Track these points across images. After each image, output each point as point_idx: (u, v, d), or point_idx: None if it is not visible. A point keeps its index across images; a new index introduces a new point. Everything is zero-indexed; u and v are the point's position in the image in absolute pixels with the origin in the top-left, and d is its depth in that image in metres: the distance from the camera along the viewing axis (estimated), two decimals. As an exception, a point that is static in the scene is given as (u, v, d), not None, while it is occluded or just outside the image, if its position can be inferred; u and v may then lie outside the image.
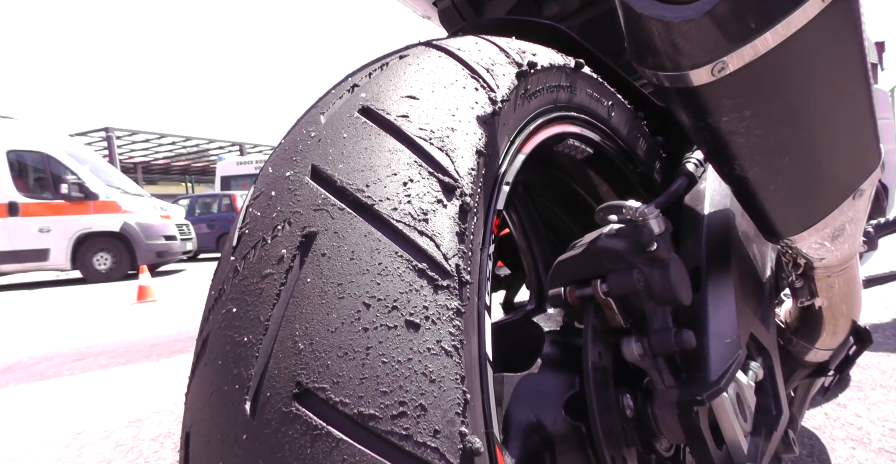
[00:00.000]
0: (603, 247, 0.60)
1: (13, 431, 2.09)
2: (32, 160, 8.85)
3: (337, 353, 0.38)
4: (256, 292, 0.41)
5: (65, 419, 2.18)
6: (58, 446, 1.89)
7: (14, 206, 8.50)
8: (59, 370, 3.04)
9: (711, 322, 0.61)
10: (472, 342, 0.42)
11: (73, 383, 2.75)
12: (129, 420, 2.12)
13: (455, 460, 0.37)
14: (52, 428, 2.08)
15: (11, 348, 3.79)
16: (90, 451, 1.83)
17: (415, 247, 0.41)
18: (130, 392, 2.52)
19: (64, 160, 8.86)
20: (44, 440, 1.95)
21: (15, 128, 9.03)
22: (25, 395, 2.60)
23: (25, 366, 3.20)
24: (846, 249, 0.68)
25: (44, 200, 8.70)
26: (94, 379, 2.81)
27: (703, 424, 0.55)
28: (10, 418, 2.25)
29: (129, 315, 5.02)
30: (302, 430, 0.36)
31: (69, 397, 2.51)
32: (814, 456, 1.35)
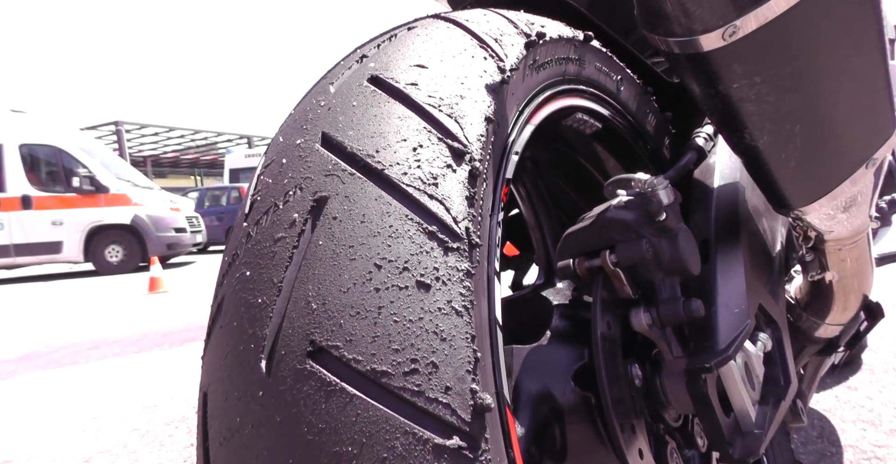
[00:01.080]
0: (612, 218, 0.60)
1: (32, 416, 2.13)
2: (44, 154, 8.94)
3: (349, 312, 0.38)
4: (269, 256, 0.42)
5: (81, 405, 2.22)
6: (75, 431, 1.93)
7: (27, 199, 8.60)
8: (75, 359, 3.09)
9: (720, 292, 0.61)
10: (482, 304, 0.43)
11: (88, 371, 2.80)
12: (143, 406, 2.16)
13: (466, 416, 0.37)
14: (69, 413, 2.13)
15: (28, 337, 3.86)
16: (107, 434, 1.86)
17: (425, 210, 0.42)
18: (144, 379, 2.56)
19: (75, 154, 8.94)
20: (62, 425, 1.99)
21: (27, 122, 9.12)
22: (42, 382, 2.65)
23: (42, 354, 3.26)
24: (858, 221, 0.67)
25: (56, 194, 8.80)
26: (109, 367, 2.85)
27: (711, 391, 0.56)
28: (28, 403, 2.30)
29: (142, 306, 5.08)
30: (316, 386, 0.37)
31: (85, 383, 2.56)
32: (823, 437, 1.35)
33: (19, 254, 8.59)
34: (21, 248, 8.57)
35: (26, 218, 8.57)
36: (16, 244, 8.54)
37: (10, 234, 8.50)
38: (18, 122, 9.04)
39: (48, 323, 4.42)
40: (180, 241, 9.60)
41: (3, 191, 8.52)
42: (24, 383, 2.65)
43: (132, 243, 9.15)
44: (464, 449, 0.37)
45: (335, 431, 0.36)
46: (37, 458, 1.70)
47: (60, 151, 8.91)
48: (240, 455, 0.38)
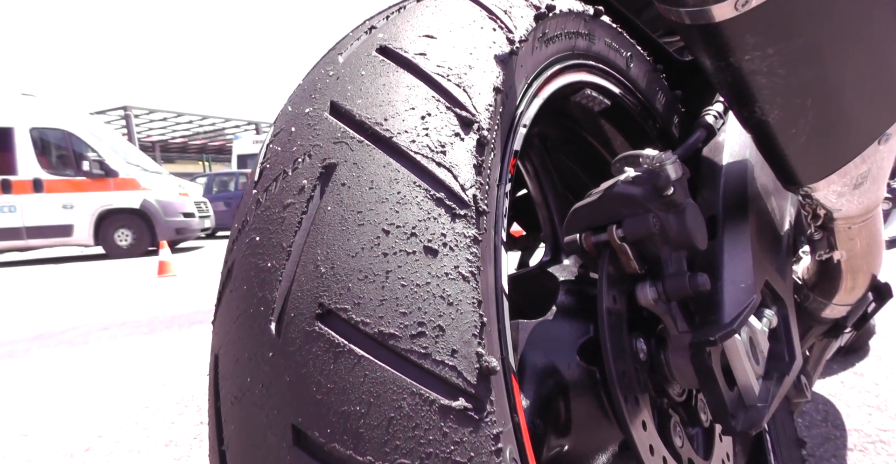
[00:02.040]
0: (619, 192, 0.60)
1: (45, 393, 2.18)
2: (55, 138, 8.99)
3: (357, 276, 0.39)
4: (279, 221, 0.42)
5: (92, 383, 2.26)
6: (87, 408, 1.97)
7: (38, 182, 8.67)
8: (86, 339, 3.14)
9: (727, 268, 0.61)
10: (488, 271, 0.43)
11: (99, 351, 2.84)
12: (154, 384, 2.19)
13: (472, 379, 0.38)
14: (80, 391, 2.17)
15: (41, 317, 3.92)
16: (118, 411, 1.90)
17: (433, 177, 0.42)
18: (154, 359, 2.60)
19: (85, 138, 8.99)
20: (74, 402, 2.04)
21: (37, 105, 9.16)
22: (55, 360, 2.70)
23: (54, 334, 3.31)
24: (869, 199, 0.67)
25: (66, 177, 8.87)
26: (119, 347, 2.90)
27: (715, 365, 0.56)
28: (41, 381, 2.35)
29: (151, 289, 5.14)
30: (325, 348, 0.38)
31: (96, 363, 2.60)
32: (828, 421, 1.35)
33: (31, 236, 8.69)
34: (33, 230, 8.67)
35: (37, 201, 8.65)
36: (28, 227, 8.64)
37: (22, 216, 8.60)
38: (29, 105, 9.09)
39: (60, 304, 4.49)
40: (189, 226, 9.67)
41: (15, 174, 8.59)
42: (37, 361, 2.70)
43: (141, 228, 9.23)
44: (469, 410, 0.37)
45: (343, 391, 0.37)
46: (51, 433, 1.74)
47: (70, 135, 8.96)
48: (250, 414, 0.39)
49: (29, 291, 5.56)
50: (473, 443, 0.37)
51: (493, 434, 0.38)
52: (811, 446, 1.23)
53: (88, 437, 1.68)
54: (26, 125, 8.78)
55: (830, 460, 1.17)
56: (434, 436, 0.36)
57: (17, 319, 3.94)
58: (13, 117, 8.74)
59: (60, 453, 1.58)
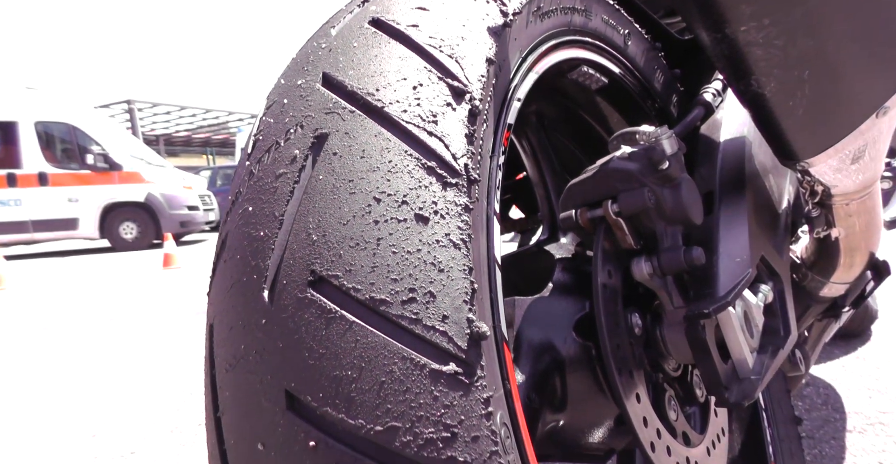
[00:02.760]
0: (614, 167, 0.60)
1: (58, 377, 2.20)
2: (59, 131, 9.02)
3: (349, 243, 0.39)
4: (271, 191, 0.42)
5: (107, 364, 2.29)
6: (103, 383, 1.99)
7: (44, 176, 8.71)
8: (99, 325, 3.17)
9: (722, 242, 0.61)
10: (480, 240, 0.43)
11: (111, 335, 2.87)
12: (167, 364, 2.21)
13: (462, 344, 0.38)
14: (96, 370, 2.19)
15: (48, 310, 3.95)
16: (135, 385, 1.92)
17: (424, 146, 0.42)
18: (165, 343, 2.63)
19: (89, 131, 9.01)
20: (88, 380, 2.06)
21: (41, 99, 9.18)
22: (67, 346, 2.72)
23: (66, 322, 3.34)
24: (866, 175, 0.66)
25: (71, 171, 8.91)
26: (131, 331, 2.92)
27: (710, 338, 0.56)
28: (53, 365, 2.37)
29: (158, 280, 5.18)
30: (317, 314, 0.38)
31: (109, 346, 2.63)
32: (828, 404, 1.35)
33: (37, 230, 8.75)
34: (39, 224, 8.72)
35: (43, 194, 8.69)
36: (33, 220, 8.69)
37: (27, 210, 8.65)
38: (33, 99, 9.11)
39: (68, 297, 4.52)
40: (193, 219, 9.70)
41: (20, 167, 8.63)
42: (48, 347, 2.73)
43: (146, 221, 9.28)
44: (460, 375, 0.38)
45: (335, 356, 0.37)
46: (53, 420, 1.76)
47: (74, 129, 8.99)
48: (245, 380, 0.39)
49: (37, 283, 5.60)
50: (464, 406, 0.37)
51: (484, 398, 0.38)
52: (811, 429, 1.23)
53: (94, 426, 1.71)
54: (31, 119, 8.80)
55: (829, 441, 1.17)
56: (425, 400, 0.37)
57: (25, 311, 3.98)
58: (18, 111, 8.77)
59: (60, 439, 1.60)
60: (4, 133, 8.63)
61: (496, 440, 0.38)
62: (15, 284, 5.55)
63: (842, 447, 1.14)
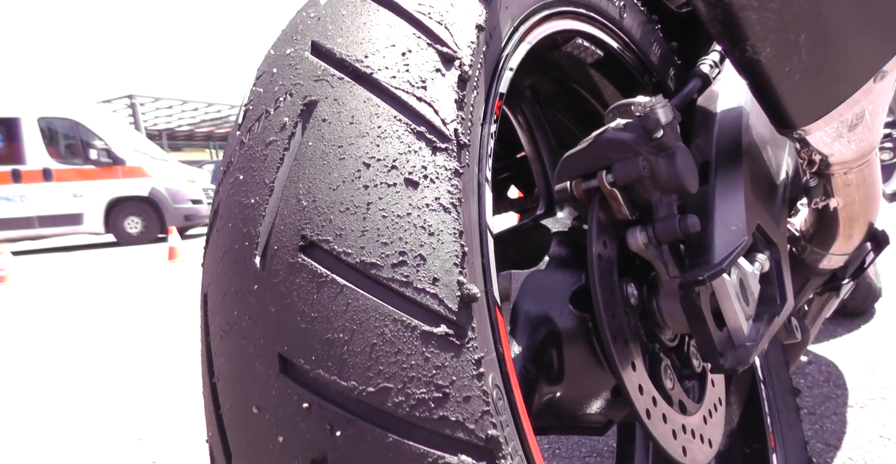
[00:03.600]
0: (609, 138, 0.59)
1: (74, 363, 2.23)
2: (62, 127, 9.04)
3: (339, 208, 0.39)
4: (261, 159, 0.42)
5: (122, 349, 2.31)
6: (117, 364, 2.01)
7: (48, 172, 8.75)
8: (106, 316, 3.20)
9: (718, 211, 0.60)
10: (471, 204, 0.43)
11: (122, 325, 2.90)
12: (178, 348, 2.24)
13: (453, 306, 0.38)
14: (111, 356, 2.22)
15: (58, 300, 3.99)
16: (147, 369, 1.94)
17: (413, 112, 0.42)
18: (175, 331, 2.65)
19: (92, 126, 9.03)
20: (102, 365, 2.08)
21: (43, 95, 9.20)
22: (80, 336, 2.75)
23: (73, 315, 3.38)
24: (864, 142, 0.66)
25: (75, 166, 8.94)
26: (142, 321, 2.95)
27: (704, 305, 0.56)
28: (69, 353, 2.40)
29: (164, 272, 5.21)
30: (308, 278, 0.38)
31: (121, 335, 2.65)
32: (830, 381, 1.35)
33: (43, 225, 8.81)
34: (44, 219, 8.78)
35: (48, 190, 8.73)
36: (39, 216, 8.74)
37: (33, 206, 8.69)
38: (36, 95, 9.13)
39: (77, 290, 4.56)
40: (197, 212, 9.74)
41: (24, 163, 8.66)
42: (60, 335, 2.76)
43: (150, 215, 9.32)
44: (451, 336, 0.38)
45: (327, 319, 0.37)
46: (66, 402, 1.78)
47: (77, 124, 9.01)
48: (239, 345, 0.39)
49: (42, 278, 5.65)
50: (455, 367, 0.37)
51: (475, 360, 0.38)
52: (812, 405, 1.23)
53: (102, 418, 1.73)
54: (34, 115, 8.82)
55: (831, 417, 1.17)
56: (416, 361, 0.37)
57: (30, 305, 4.02)
58: (20, 107, 8.78)
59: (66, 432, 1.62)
60: (8, 129, 8.66)
61: (488, 400, 0.38)
62: (20, 279, 5.60)
63: (843, 422, 1.14)
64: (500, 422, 0.39)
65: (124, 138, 9.58)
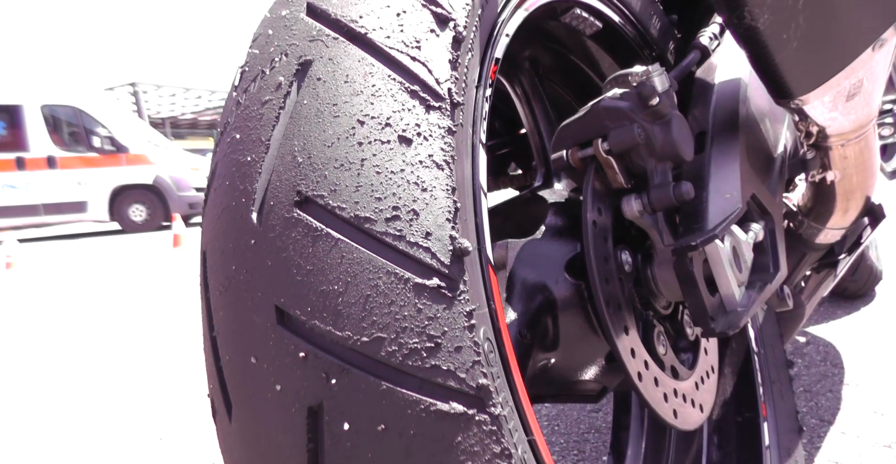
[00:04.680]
0: (605, 106, 0.60)
1: (76, 345, 2.26)
2: (65, 114, 9.04)
3: (333, 164, 0.40)
4: (257, 118, 0.43)
5: (125, 331, 2.34)
6: (120, 346, 2.04)
7: (52, 159, 8.77)
8: (113, 299, 3.24)
9: (713, 179, 0.61)
10: (464, 164, 0.44)
11: (125, 307, 2.93)
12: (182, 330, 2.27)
13: (445, 259, 0.39)
14: (114, 339, 2.25)
15: (66, 282, 4.03)
16: (150, 351, 1.97)
17: (407, 71, 0.43)
18: (182, 314, 2.68)
19: (95, 114, 9.04)
20: (105, 348, 2.11)
21: (46, 82, 9.21)
22: (83, 319, 2.79)
23: (81, 297, 3.41)
24: (861, 113, 0.66)
25: (79, 154, 8.96)
26: (145, 305, 2.98)
27: (697, 270, 0.57)
28: (71, 335, 2.43)
29: (169, 258, 5.25)
30: (303, 232, 0.39)
31: (130, 318, 2.69)
32: (827, 360, 1.36)
33: (48, 213, 8.85)
34: (49, 207, 8.82)
35: (52, 178, 8.77)
36: (44, 204, 8.79)
37: (37, 193, 8.74)
38: (38, 82, 9.13)
39: (84, 277, 4.60)
40: (201, 200, 9.74)
41: (28, 151, 8.68)
42: (68, 318, 2.79)
43: (155, 203, 9.36)
44: (443, 289, 0.39)
45: (322, 272, 0.38)
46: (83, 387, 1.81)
47: (80, 112, 9.01)
48: (237, 300, 0.40)
49: (48, 264, 5.69)
50: (447, 318, 0.38)
51: (467, 311, 0.39)
52: (808, 383, 1.24)
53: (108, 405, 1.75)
54: (37, 102, 8.82)
55: (826, 394, 1.18)
56: (409, 312, 0.38)
57: (35, 290, 4.06)
58: (23, 95, 8.79)
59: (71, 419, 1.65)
60: (10, 117, 8.67)
61: (479, 351, 0.39)
62: (26, 265, 5.64)
63: (837, 399, 1.15)
64: (490, 373, 0.40)
65: (128, 126, 9.58)
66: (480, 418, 0.38)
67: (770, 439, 0.74)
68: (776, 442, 0.74)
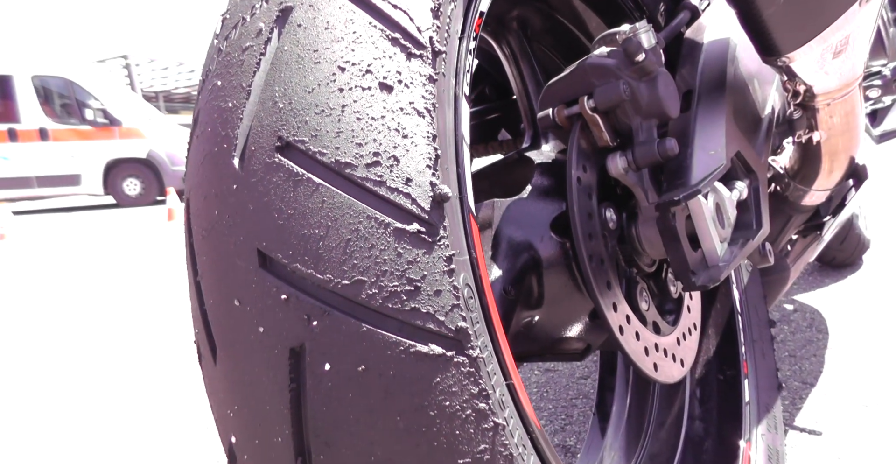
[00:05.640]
0: (591, 63, 0.60)
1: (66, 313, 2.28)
2: (56, 86, 8.90)
3: (314, 110, 0.40)
4: (238, 64, 0.43)
5: (124, 302, 2.36)
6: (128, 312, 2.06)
7: (44, 131, 8.67)
8: (112, 271, 3.25)
9: (697, 136, 0.61)
10: (446, 113, 0.44)
11: (127, 280, 2.94)
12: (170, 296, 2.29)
13: (426, 205, 0.40)
14: (114, 307, 2.27)
15: (57, 252, 4.03)
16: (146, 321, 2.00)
17: (387, 18, 0.42)
18: (173, 285, 2.70)
19: (87, 86, 8.89)
20: (104, 310, 2.14)
21: (37, 53, 9.02)
22: (89, 289, 2.80)
23: (79, 267, 3.42)
24: (847, 71, 0.66)
25: (71, 126, 8.85)
26: (137, 273, 3.00)
27: (680, 225, 0.58)
28: (68, 303, 2.45)
29: (163, 231, 5.25)
30: (284, 177, 0.39)
31: (122, 288, 2.70)
32: (813, 327, 1.39)
33: (41, 185, 8.80)
34: (43, 180, 8.76)
35: (44, 150, 8.68)
36: (37, 176, 8.72)
37: (30, 166, 8.66)
38: (28, 52, 8.96)
39: (86, 246, 4.60)
40: (196, 175, 9.69)
41: (19, 122, 8.57)
42: (67, 291, 2.81)
43: (149, 177, 9.30)
44: (423, 234, 0.39)
45: (303, 216, 0.39)
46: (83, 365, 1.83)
47: (72, 83, 8.87)
48: (219, 244, 0.41)
49: (42, 235, 5.69)
50: (426, 263, 0.39)
51: (446, 257, 0.40)
52: (794, 348, 1.27)
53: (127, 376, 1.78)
54: (27, 73, 8.67)
55: (811, 358, 1.21)
56: (389, 256, 0.38)
57: (30, 260, 4.06)
58: (13, 65, 8.62)
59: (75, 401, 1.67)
60: (1, 87, 8.53)
61: (458, 296, 0.40)
62: (18, 236, 5.64)
63: (821, 363, 1.18)
64: (469, 317, 0.40)
65: (121, 99, 9.45)
66: (459, 360, 0.39)
67: (750, 395, 0.76)
68: (756, 398, 0.76)
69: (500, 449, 0.40)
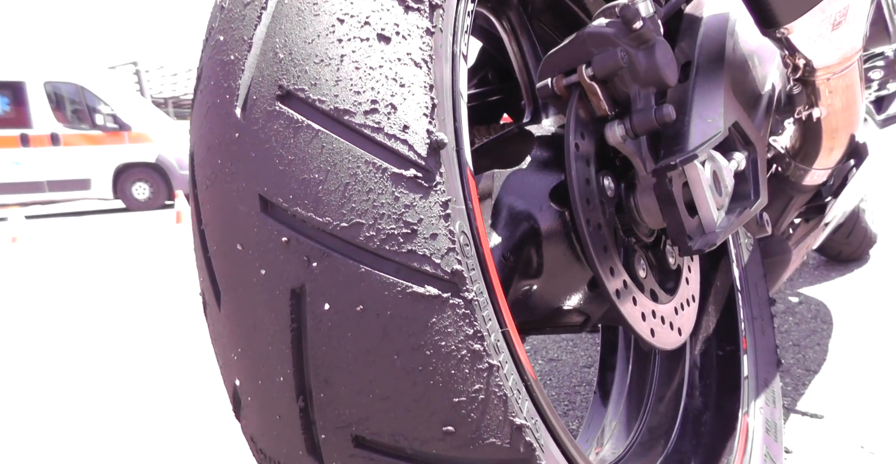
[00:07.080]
0: (589, 32, 0.61)
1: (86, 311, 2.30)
2: (68, 92, 9.02)
3: (314, 60, 0.41)
4: (240, 19, 0.44)
5: (133, 302, 2.38)
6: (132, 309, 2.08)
7: (56, 136, 8.78)
8: (121, 272, 3.28)
9: (695, 104, 0.62)
10: (443, 67, 0.45)
11: (136, 282, 2.97)
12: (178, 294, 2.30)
13: (422, 151, 0.41)
14: (123, 307, 2.29)
15: (68, 255, 4.07)
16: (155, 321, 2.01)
17: (386, -27, 0.43)
18: (181, 285, 2.72)
19: (98, 92, 9.01)
20: (113, 310, 2.15)
21: (49, 59, 9.16)
22: (99, 292, 2.83)
23: (89, 269, 3.46)
24: (846, 44, 0.66)
25: (82, 131, 8.96)
26: (146, 274, 3.02)
27: (677, 191, 0.58)
28: (78, 303, 2.48)
29: (171, 234, 5.29)
30: (285, 124, 0.40)
31: (136, 291, 2.73)
32: (818, 318, 1.38)
33: (52, 190, 8.90)
34: (54, 184, 8.86)
35: (56, 155, 8.78)
36: (49, 181, 8.82)
37: (42, 170, 8.76)
38: (41, 59, 9.10)
39: (94, 249, 4.64)
40: (204, 179, 9.76)
41: (31, 128, 8.69)
42: (76, 290, 2.84)
43: (158, 181, 9.38)
44: (419, 179, 0.40)
45: (303, 161, 0.40)
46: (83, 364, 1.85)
47: (83, 89, 8.99)
48: (223, 191, 0.42)
49: (57, 238, 5.75)
50: (423, 207, 0.40)
51: (442, 202, 0.41)
52: (798, 338, 1.26)
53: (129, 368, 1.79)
54: (40, 79, 8.80)
55: (814, 347, 1.20)
56: (386, 200, 0.39)
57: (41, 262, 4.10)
58: (26, 71, 8.76)
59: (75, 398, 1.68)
60: (13, 93, 8.66)
61: (454, 240, 0.40)
62: (30, 239, 5.70)
63: (824, 352, 1.17)
64: (465, 262, 0.41)
65: (130, 104, 9.56)
66: (455, 302, 0.40)
67: (749, 370, 0.76)
68: (755, 373, 0.76)
69: (494, 389, 0.41)
